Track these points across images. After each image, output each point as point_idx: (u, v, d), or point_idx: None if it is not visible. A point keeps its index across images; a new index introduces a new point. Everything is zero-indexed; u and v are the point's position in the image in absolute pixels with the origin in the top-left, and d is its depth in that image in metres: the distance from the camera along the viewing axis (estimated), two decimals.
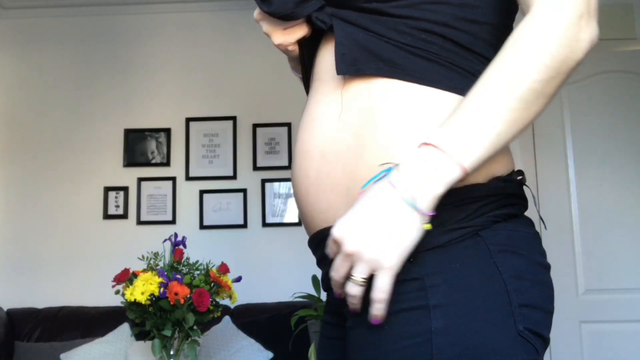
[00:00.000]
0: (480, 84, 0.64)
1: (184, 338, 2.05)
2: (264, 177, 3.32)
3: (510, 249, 0.68)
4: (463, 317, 0.63)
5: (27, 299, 3.14)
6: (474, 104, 0.63)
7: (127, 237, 3.26)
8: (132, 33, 3.48)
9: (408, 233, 0.61)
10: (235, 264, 2.69)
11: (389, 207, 0.61)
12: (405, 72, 0.70)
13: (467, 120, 0.63)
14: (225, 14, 3.47)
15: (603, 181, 2.98)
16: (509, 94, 0.62)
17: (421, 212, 0.61)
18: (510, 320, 0.64)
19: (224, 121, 3.38)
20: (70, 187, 3.32)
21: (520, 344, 0.64)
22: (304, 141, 0.78)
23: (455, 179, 0.62)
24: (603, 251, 2.94)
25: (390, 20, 0.71)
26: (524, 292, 0.66)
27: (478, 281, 0.65)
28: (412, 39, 0.70)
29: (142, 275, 1.99)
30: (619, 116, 3.03)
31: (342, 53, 0.72)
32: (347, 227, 0.62)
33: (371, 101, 0.71)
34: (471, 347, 0.62)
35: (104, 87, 3.43)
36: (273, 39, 0.82)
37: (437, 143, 0.62)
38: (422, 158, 0.62)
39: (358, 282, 0.62)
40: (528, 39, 0.63)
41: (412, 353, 0.63)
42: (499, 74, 0.63)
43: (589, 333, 2.88)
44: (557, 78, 0.63)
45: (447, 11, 0.70)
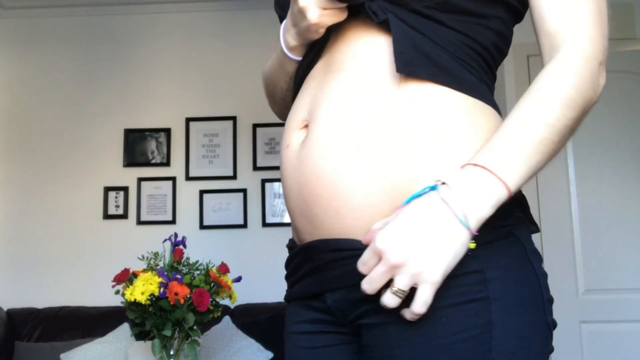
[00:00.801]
0: (521, 113, 0.69)
1: (184, 338, 2.05)
2: (264, 177, 3.32)
3: (534, 247, 0.74)
4: (515, 309, 0.67)
5: (27, 299, 3.14)
6: (520, 132, 0.67)
7: (127, 237, 3.26)
8: (132, 33, 3.48)
9: (456, 250, 0.63)
10: (235, 264, 2.68)
11: (441, 223, 0.62)
12: (457, 81, 0.73)
13: (512, 147, 0.66)
14: (225, 14, 3.47)
15: (603, 181, 2.98)
16: (549, 128, 0.67)
17: (471, 231, 0.63)
18: (543, 313, 0.71)
19: (224, 121, 3.38)
20: (70, 187, 3.32)
21: (549, 334, 0.71)
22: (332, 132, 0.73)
23: (502, 200, 0.65)
24: (603, 251, 2.94)
25: (443, 30, 0.73)
26: (546, 287, 0.73)
27: (522, 276, 0.70)
28: (461, 52, 0.74)
29: (142, 275, 1.99)
30: (619, 116, 3.02)
31: (400, 51, 0.71)
32: (392, 238, 0.62)
33: (422, 108, 0.71)
34: (523, 337, 0.67)
35: (104, 87, 3.43)
36: (310, 16, 0.77)
37: (487, 165, 0.65)
38: (472, 178, 0.65)
39: (399, 294, 0.63)
40: (562, 78, 0.69)
41: (472, 345, 0.65)
42: (541, 108, 0.68)
43: (589, 333, 2.88)
44: (582, 116, 0.70)
45: (490, 36, 0.76)
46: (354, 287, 0.70)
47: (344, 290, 0.73)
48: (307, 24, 0.78)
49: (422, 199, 0.64)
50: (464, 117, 0.72)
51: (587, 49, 0.70)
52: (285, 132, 0.83)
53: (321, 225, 0.74)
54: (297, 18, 0.80)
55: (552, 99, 0.67)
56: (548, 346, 0.71)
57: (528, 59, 3.08)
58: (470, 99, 0.73)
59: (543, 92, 0.68)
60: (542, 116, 0.67)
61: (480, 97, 0.74)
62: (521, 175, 0.66)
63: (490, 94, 0.78)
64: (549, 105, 0.67)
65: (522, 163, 0.66)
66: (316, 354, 0.80)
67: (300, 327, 0.82)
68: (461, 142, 0.70)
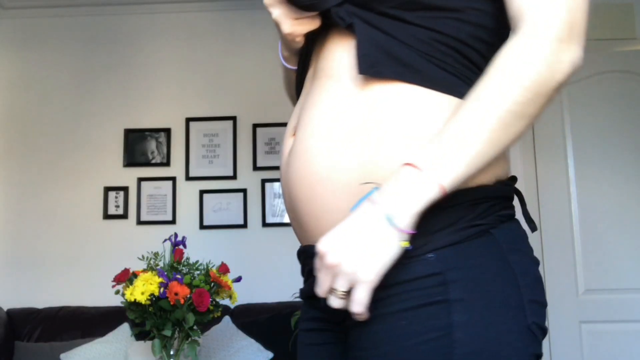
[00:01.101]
0: (463, 105, 0.66)
1: (184, 338, 2.05)
2: (264, 177, 3.32)
3: (517, 247, 0.71)
4: (481, 311, 0.65)
5: (27, 299, 3.14)
6: (456, 124, 0.65)
7: (127, 237, 3.26)
8: (132, 33, 3.48)
9: (386, 249, 0.63)
10: (235, 264, 2.69)
11: (369, 224, 0.64)
12: (425, 78, 0.71)
13: (447, 140, 0.65)
14: (225, 14, 3.47)
15: (603, 181, 2.98)
16: (489, 116, 0.64)
17: (399, 229, 0.63)
18: (522, 315, 0.67)
19: (224, 121, 3.38)
20: (70, 187, 3.32)
21: (529, 337, 0.68)
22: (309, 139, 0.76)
23: (433, 197, 0.64)
24: (603, 251, 2.94)
25: (411, 28, 0.72)
26: (530, 288, 0.69)
27: (493, 277, 0.67)
28: (431, 48, 0.72)
29: (142, 275, 1.99)
30: (619, 116, 3.03)
31: (363, 54, 0.72)
32: (330, 242, 0.65)
33: (387, 105, 0.72)
34: (489, 340, 0.65)
35: (104, 87, 3.43)
36: (283, 27, 0.81)
37: (417, 163, 0.65)
38: (402, 177, 0.65)
39: (338, 295, 0.65)
40: (509, 62, 0.65)
41: (433, 347, 0.65)
42: (481, 95, 0.65)
43: (589, 333, 2.88)
44: (537, 100, 0.65)
45: (465, 29, 0.72)
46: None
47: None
48: (282, 34, 0.82)
49: (362, 204, 0.66)
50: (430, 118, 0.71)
51: (540, 27, 0.65)
52: (283, 139, 0.86)
53: (307, 228, 0.78)
54: (277, 27, 0.83)
55: (494, 84, 0.65)
56: (527, 350, 0.67)
57: None
58: (441, 95, 0.71)
59: (486, 77, 0.66)
60: (483, 104, 0.65)
61: (454, 92, 0.71)
62: (457, 170, 0.64)
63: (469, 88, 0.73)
64: (491, 92, 0.65)
65: (459, 157, 0.64)
66: (314, 350, 0.82)
67: (305, 324, 0.85)
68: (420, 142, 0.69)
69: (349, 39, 0.76)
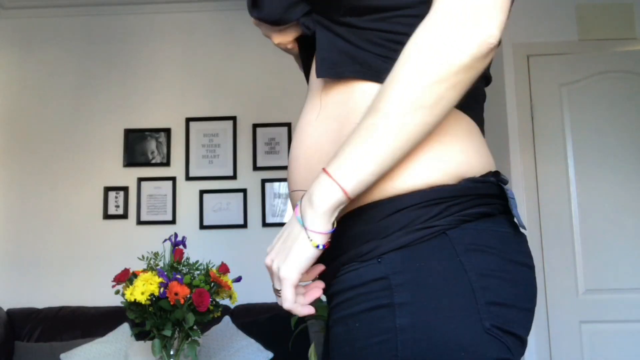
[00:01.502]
0: (370, 108, 0.67)
1: (184, 338, 2.05)
2: (264, 177, 3.32)
3: (479, 247, 0.68)
4: (427, 314, 0.65)
5: (27, 299, 3.14)
6: (360, 128, 0.66)
7: (127, 237, 3.26)
8: (132, 33, 3.48)
9: (299, 249, 0.68)
10: (235, 264, 2.69)
11: (289, 227, 0.70)
12: (379, 75, 0.71)
13: (351, 146, 0.66)
14: (225, 14, 3.47)
15: (603, 181, 2.98)
16: (386, 115, 0.64)
17: (308, 229, 0.67)
18: (476, 317, 0.65)
19: (224, 121, 3.38)
20: (70, 187, 3.32)
21: (489, 342, 0.65)
22: (293, 147, 0.82)
23: (338, 201, 0.67)
24: (603, 251, 2.94)
25: (364, 33, 0.73)
26: (492, 289, 0.66)
27: (442, 279, 0.66)
28: (383, 49, 0.72)
29: (142, 275, 1.99)
30: (619, 116, 3.02)
31: (322, 57, 0.75)
32: (270, 247, 0.73)
33: (349, 105, 0.74)
34: (436, 343, 0.64)
35: (104, 87, 3.43)
36: (273, 40, 0.86)
37: (328, 169, 0.68)
38: (317, 183, 0.68)
39: (276, 293, 0.71)
40: (412, 52, 0.64)
41: (380, 349, 0.66)
42: (385, 93, 0.65)
43: (589, 333, 2.88)
44: (442, 84, 0.63)
45: (418, 23, 0.69)
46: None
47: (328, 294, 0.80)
48: (275, 45, 0.87)
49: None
50: None
51: (445, 8, 0.63)
52: None
53: None
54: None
55: (396, 78, 0.64)
56: (486, 355, 0.65)
57: (528, 59, 3.08)
58: None
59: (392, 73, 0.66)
60: (383, 103, 0.65)
61: None
62: (359, 174, 0.66)
63: None
64: (393, 87, 0.64)
65: (360, 162, 0.65)
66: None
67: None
68: None
69: None
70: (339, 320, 0.71)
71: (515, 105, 3.06)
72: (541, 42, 3.06)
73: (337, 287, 0.72)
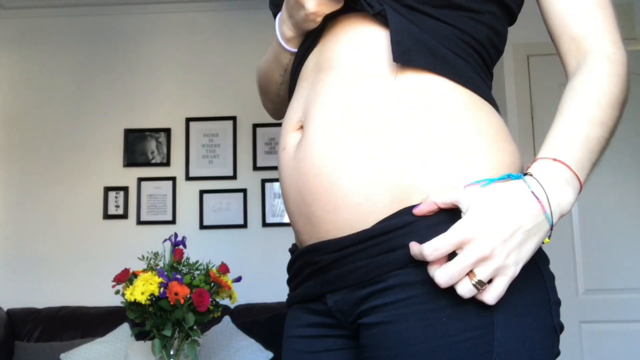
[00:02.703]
0: (579, 114, 0.70)
1: (184, 338, 2.05)
2: (264, 177, 3.32)
3: (541, 250, 0.71)
4: (519, 311, 0.66)
5: (27, 299, 3.14)
6: (580, 131, 0.68)
7: (127, 237, 3.26)
8: (132, 33, 3.48)
9: (536, 245, 0.63)
10: (235, 264, 2.69)
11: (530, 217, 0.62)
12: (455, 71, 0.72)
13: (580, 145, 0.67)
14: (225, 14, 3.47)
15: (603, 181, 2.98)
16: (604, 127, 0.69)
17: (551, 228, 0.64)
18: (549, 315, 0.69)
19: (224, 121, 3.38)
20: (70, 187, 3.32)
21: (555, 336, 0.70)
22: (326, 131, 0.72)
23: (577, 196, 0.66)
24: (603, 251, 2.94)
25: (437, 24, 0.73)
26: (554, 290, 0.72)
27: (528, 278, 0.67)
28: (456, 45, 0.73)
29: (142, 275, 1.99)
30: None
31: (397, 40, 0.70)
32: (481, 228, 0.60)
33: (420, 96, 0.70)
34: (527, 339, 0.65)
35: (104, 87, 3.43)
36: (307, 6, 0.77)
37: (568, 162, 0.66)
38: (556, 174, 0.65)
39: (479, 285, 0.61)
40: (608, 83, 0.71)
41: (472, 345, 0.64)
42: (595, 108, 0.69)
43: (589, 333, 2.88)
44: (621, 116, 0.72)
45: (483, 31, 0.75)
46: (356, 286, 0.70)
47: (345, 290, 0.72)
48: (305, 13, 0.78)
49: (507, 186, 0.63)
50: (464, 113, 0.71)
51: (617, 53, 0.74)
52: (281, 134, 0.82)
53: (319, 222, 0.73)
54: (293, 9, 0.80)
55: (602, 99, 0.70)
56: (554, 349, 0.69)
57: (528, 59, 3.08)
58: (470, 93, 0.72)
59: (592, 93, 0.70)
60: (598, 116, 0.69)
61: (479, 92, 0.73)
62: (587, 174, 0.68)
63: (489, 91, 0.77)
64: (602, 106, 0.69)
65: (588, 161, 0.68)
66: (317, 357, 0.78)
67: (299, 330, 0.81)
68: (462, 139, 0.69)
69: (363, 27, 0.76)
70: (409, 315, 0.65)
71: (515, 105, 3.06)
72: (541, 42, 3.05)
73: (401, 279, 0.66)
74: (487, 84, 0.77)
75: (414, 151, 0.68)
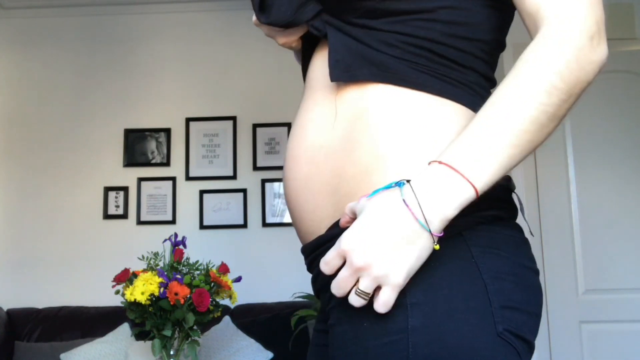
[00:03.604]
0: (491, 105, 0.64)
1: (184, 338, 2.05)
2: (264, 177, 3.32)
3: (494, 250, 0.67)
4: (441, 315, 0.63)
5: (27, 299, 3.14)
6: (486, 125, 0.63)
7: (127, 237, 3.26)
8: (132, 33, 3.48)
9: (418, 253, 0.61)
10: (235, 264, 2.69)
11: (402, 226, 0.61)
12: (397, 76, 0.71)
13: (480, 141, 0.62)
14: (225, 14, 3.47)
15: (603, 181, 2.98)
16: (522, 117, 0.62)
17: (433, 234, 0.61)
18: (489, 321, 0.64)
19: (224, 121, 3.38)
20: (70, 187, 3.32)
21: (501, 346, 0.64)
22: (293, 147, 0.81)
23: (469, 200, 0.62)
24: (603, 251, 2.94)
25: (379, 34, 0.72)
26: (505, 293, 0.66)
27: (458, 280, 0.65)
28: (401, 51, 0.71)
29: (142, 275, 2.00)
30: (619, 116, 3.02)
31: (336, 59, 0.73)
32: (356, 241, 0.61)
33: (363, 105, 0.72)
34: (449, 346, 0.62)
35: (104, 87, 3.43)
36: (277, 40, 0.86)
37: (452, 163, 0.62)
38: (436, 177, 0.62)
39: (362, 295, 0.62)
40: (540, 61, 0.63)
41: (390, 350, 0.64)
42: (511, 96, 0.63)
43: (589, 333, 2.88)
44: (569, 100, 0.63)
45: (436, 28, 0.71)
46: (325, 287, 0.73)
47: (323, 291, 0.77)
48: (279, 44, 0.87)
49: (385, 197, 0.62)
50: (412, 116, 0.70)
51: (571, 24, 0.63)
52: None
53: (299, 227, 0.81)
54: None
55: (528, 85, 0.62)
56: (497, 358, 0.63)
57: None
58: (421, 94, 0.71)
59: (515, 77, 0.64)
60: (515, 106, 0.62)
61: (428, 89, 0.71)
62: (491, 173, 0.62)
63: (456, 88, 0.72)
64: (525, 93, 0.62)
65: (491, 159, 0.62)
66: (319, 352, 0.82)
67: (317, 325, 0.86)
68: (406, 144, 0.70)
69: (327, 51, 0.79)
70: (343, 319, 0.68)
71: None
72: None
73: None
74: (454, 78, 0.72)
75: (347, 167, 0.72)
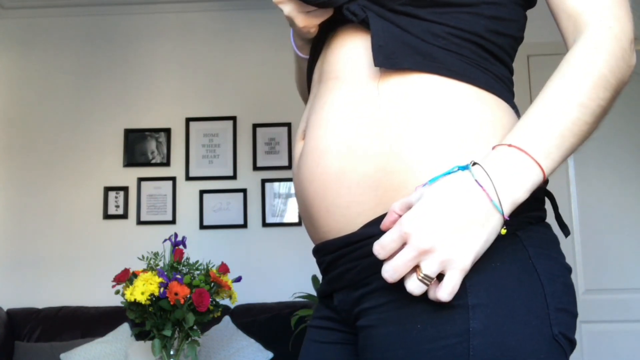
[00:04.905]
0: (554, 95, 0.65)
1: (184, 338, 2.05)
2: (264, 177, 3.32)
3: (545, 251, 0.67)
4: (502, 318, 0.61)
5: (27, 299, 3.14)
6: (553, 113, 0.64)
7: (127, 237, 3.26)
8: (132, 33, 3.48)
9: (486, 236, 0.59)
10: (235, 264, 2.69)
11: (473, 207, 0.59)
12: (444, 67, 0.70)
13: (546, 128, 0.63)
14: (225, 14, 3.47)
15: (603, 181, 2.98)
16: (583, 109, 0.64)
17: (503, 216, 0.60)
18: (546, 323, 0.63)
19: (224, 121, 3.38)
20: (70, 187, 3.32)
21: (555, 348, 0.63)
22: (319, 138, 0.74)
23: (537, 184, 0.62)
24: (603, 251, 2.94)
25: (424, 24, 0.71)
26: (557, 295, 0.65)
27: (517, 281, 0.63)
28: (447, 42, 0.71)
29: (142, 275, 1.99)
30: (619, 116, 3.03)
31: (379, 45, 0.69)
32: (421, 222, 0.58)
33: (407, 95, 0.69)
34: (509, 349, 0.61)
35: (104, 87, 3.43)
36: (296, 22, 0.80)
37: (522, 146, 0.62)
38: (506, 159, 0.62)
39: (426, 280, 0.59)
40: (598, 60, 0.65)
41: (447, 354, 0.61)
42: (574, 88, 0.65)
43: (589, 333, 2.88)
44: (615, 97, 0.66)
45: (481, 22, 0.72)
46: (351, 287, 0.72)
47: (344, 291, 0.74)
48: (297, 27, 0.81)
49: (452, 178, 0.60)
50: (460, 108, 0.69)
51: (616, 27, 0.67)
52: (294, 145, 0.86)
53: (319, 225, 0.76)
54: (290, 22, 0.82)
55: (585, 78, 0.64)
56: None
57: (528, 59, 3.08)
58: (467, 86, 0.70)
59: (575, 71, 0.65)
60: (575, 96, 0.64)
61: (476, 82, 0.70)
62: (555, 159, 0.63)
63: (491, 80, 0.72)
64: (583, 85, 0.64)
65: (557, 145, 0.63)
66: (322, 348, 0.82)
67: (317, 321, 0.84)
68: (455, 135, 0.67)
69: (357, 38, 0.75)
70: (387, 320, 0.65)
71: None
72: (541, 42, 3.05)
73: (382, 283, 0.63)
74: (494, 73, 0.73)
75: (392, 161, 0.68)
